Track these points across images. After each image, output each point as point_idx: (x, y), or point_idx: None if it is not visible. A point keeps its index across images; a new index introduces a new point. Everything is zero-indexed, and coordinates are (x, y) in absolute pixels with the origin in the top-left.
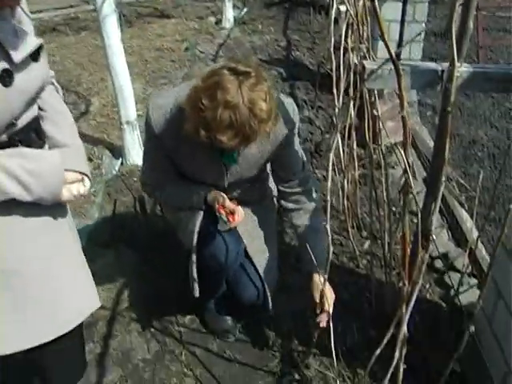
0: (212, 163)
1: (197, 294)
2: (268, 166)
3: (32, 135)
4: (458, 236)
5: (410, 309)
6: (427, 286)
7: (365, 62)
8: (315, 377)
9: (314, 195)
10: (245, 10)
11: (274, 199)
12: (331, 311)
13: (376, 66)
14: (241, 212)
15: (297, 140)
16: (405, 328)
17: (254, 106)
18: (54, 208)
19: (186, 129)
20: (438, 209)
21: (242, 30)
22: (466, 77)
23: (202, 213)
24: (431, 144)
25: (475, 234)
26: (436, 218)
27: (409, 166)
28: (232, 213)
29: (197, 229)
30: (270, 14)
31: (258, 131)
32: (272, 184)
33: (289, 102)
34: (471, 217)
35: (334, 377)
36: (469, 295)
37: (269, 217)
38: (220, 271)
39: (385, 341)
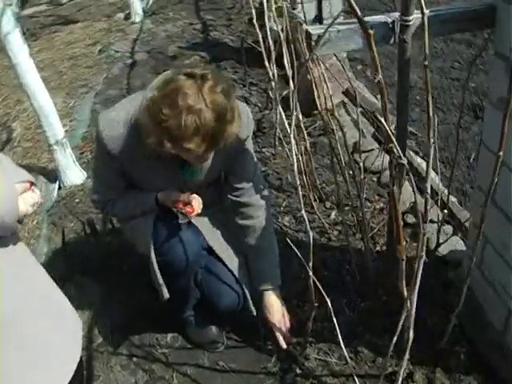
0: (171, 177)
1: (167, 295)
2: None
3: None
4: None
5: (417, 286)
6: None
7: (309, 27)
8: (317, 366)
9: (264, 208)
10: None
11: None
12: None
13: (322, 30)
14: (197, 199)
15: (251, 146)
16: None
17: (217, 107)
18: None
19: (148, 143)
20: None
21: (154, 21)
22: (420, 24)
23: (154, 214)
24: (372, 99)
25: (437, 180)
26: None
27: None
28: (189, 203)
29: (151, 230)
30: None
31: (225, 133)
32: None
33: (243, 107)
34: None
35: (336, 362)
36: (447, 244)
37: (230, 218)
38: (184, 268)
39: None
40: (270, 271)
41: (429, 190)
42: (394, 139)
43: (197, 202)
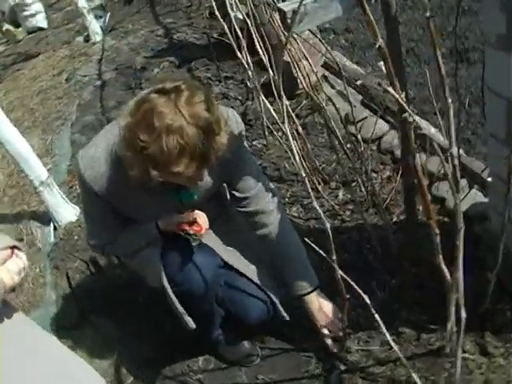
0: (168, 204)
1: (193, 325)
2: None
3: None
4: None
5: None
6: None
7: (280, 5)
8: (361, 357)
9: (275, 211)
10: (107, 15)
11: None
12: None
13: (296, 5)
14: (201, 214)
15: (247, 151)
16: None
17: (199, 120)
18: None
19: (132, 176)
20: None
21: (115, 36)
22: None
23: (159, 243)
24: (353, 66)
25: (440, 137)
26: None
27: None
28: (194, 222)
29: (160, 261)
30: (134, 9)
31: (214, 146)
32: None
33: (228, 112)
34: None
35: (379, 349)
36: (466, 199)
37: (239, 224)
38: (203, 294)
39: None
40: (304, 274)
41: (456, 154)
42: (407, 108)
43: (202, 218)
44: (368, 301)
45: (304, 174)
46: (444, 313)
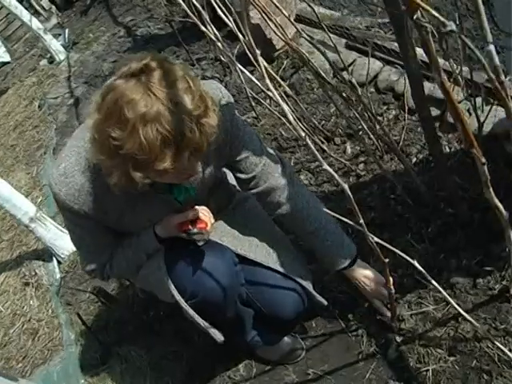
0: (163, 208)
1: (221, 337)
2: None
3: None
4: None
5: None
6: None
7: None
8: (416, 323)
9: (288, 185)
10: (66, 31)
11: None
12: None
13: None
14: (202, 209)
15: (241, 122)
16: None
17: (180, 100)
18: None
19: (113, 184)
20: None
21: (78, 50)
22: None
23: (162, 252)
24: (327, 11)
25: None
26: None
27: None
28: (197, 219)
29: (166, 273)
30: (91, 17)
31: (202, 129)
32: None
33: (213, 85)
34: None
35: (434, 308)
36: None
37: (249, 208)
38: (223, 300)
39: None
40: (340, 245)
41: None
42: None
43: (205, 212)
44: (412, 261)
45: (303, 134)
46: (497, 250)
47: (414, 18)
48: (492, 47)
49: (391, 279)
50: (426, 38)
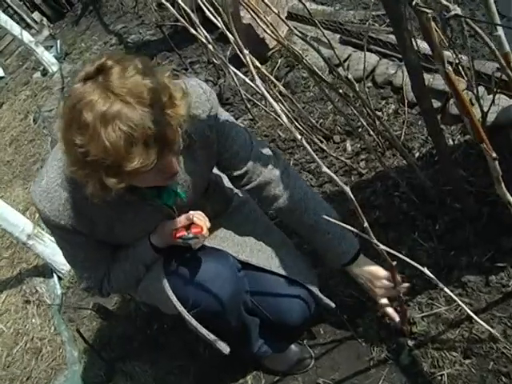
0: (153, 214)
1: (226, 348)
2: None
3: None
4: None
5: None
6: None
7: None
8: (429, 325)
9: (282, 177)
10: (58, 42)
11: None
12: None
13: None
14: (196, 213)
15: (227, 117)
16: None
17: (140, 95)
18: None
19: (90, 194)
20: None
21: (71, 61)
22: None
23: (160, 262)
24: (319, 7)
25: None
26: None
27: None
28: (191, 224)
29: (166, 283)
30: (83, 27)
31: (170, 121)
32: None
33: (192, 82)
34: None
35: (446, 309)
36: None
37: (250, 211)
38: (226, 309)
39: None
40: (341, 238)
41: None
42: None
43: (199, 216)
44: (422, 268)
45: (299, 136)
46: (508, 244)
47: (413, 3)
48: (501, 31)
49: (400, 278)
50: (428, 25)
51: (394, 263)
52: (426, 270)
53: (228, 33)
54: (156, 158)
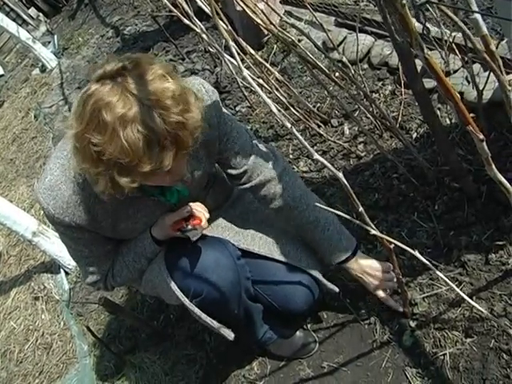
0: (156, 211)
1: (231, 335)
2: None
3: None
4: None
5: None
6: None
7: None
8: (430, 305)
9: (281, 175)
10: (55, 37)
11: None
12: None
13: None
14: (196, 204)
15: (228, 117)
16: None
17: (159, 98)
18: None
19: (100, 192)
20: None
21: (69, 55)
22: None
23: (162, 254)
24: None
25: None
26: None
27: None
28: (190, 216)
29: (167, 273)
30: (79, 21)
31: (186, 125)
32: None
33: (195, 80)
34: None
35: (447, 289)
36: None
37: (250, 202)
38: (229, 296)
39: None
40: (338, 237)
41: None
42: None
43: (198, 208)
44: (418, 255)
45: (289, 125)
46: (507, 223)
47: None
48: (478, 15)
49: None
50: (403, 11)
51: (392, 246)
52: (417, 254)
53: (219, 21)
54: (172, 161)
